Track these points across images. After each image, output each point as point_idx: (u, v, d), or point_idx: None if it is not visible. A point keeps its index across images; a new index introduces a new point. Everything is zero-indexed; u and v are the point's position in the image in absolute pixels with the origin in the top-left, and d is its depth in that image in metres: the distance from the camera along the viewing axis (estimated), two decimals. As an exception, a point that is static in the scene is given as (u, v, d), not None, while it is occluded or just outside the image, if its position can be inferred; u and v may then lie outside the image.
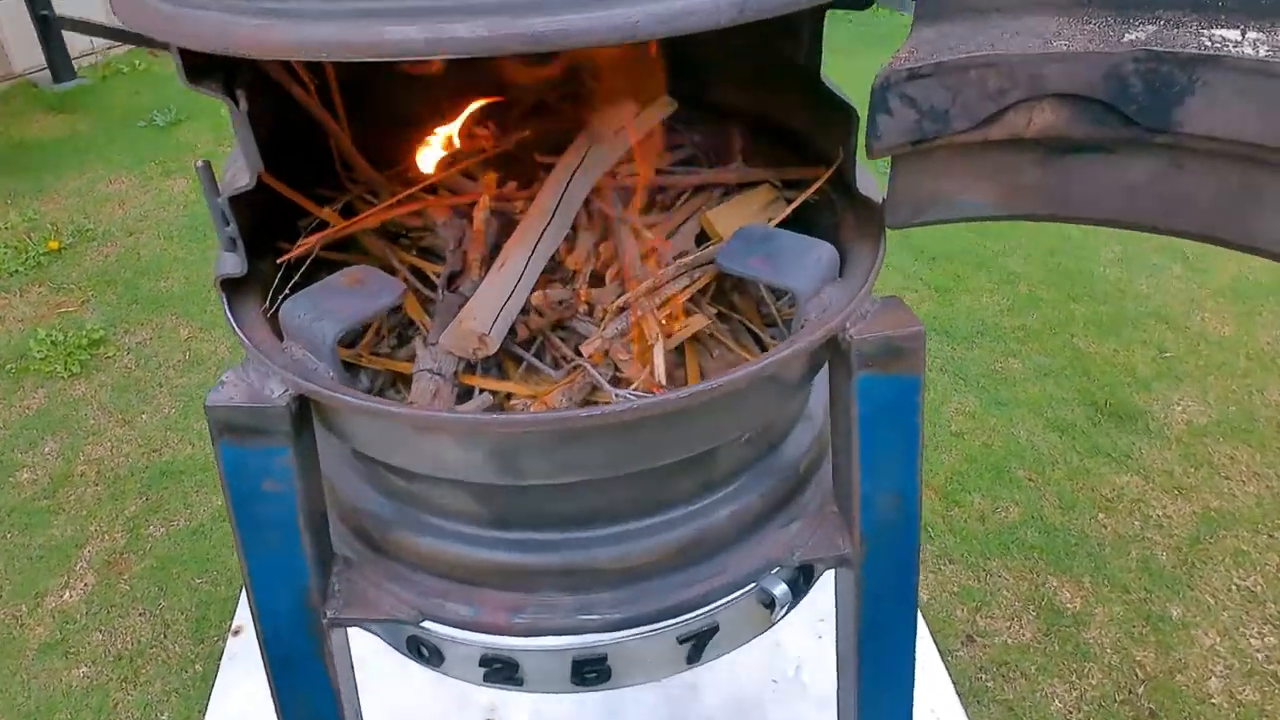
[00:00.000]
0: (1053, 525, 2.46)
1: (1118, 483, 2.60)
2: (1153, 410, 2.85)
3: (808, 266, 1.04)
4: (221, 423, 0.95)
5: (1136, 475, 2.62)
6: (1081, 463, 2.65)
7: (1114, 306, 3.35)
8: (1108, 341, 3.15)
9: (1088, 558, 2.37)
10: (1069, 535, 2.43)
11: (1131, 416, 2.82)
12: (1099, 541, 2.41)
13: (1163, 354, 3.11)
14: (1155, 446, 2.71)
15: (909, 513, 1.13)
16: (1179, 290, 3.45)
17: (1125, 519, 2.49)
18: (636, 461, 0.96)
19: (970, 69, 0.95)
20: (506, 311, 1.01)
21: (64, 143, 4.35)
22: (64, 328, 3.15)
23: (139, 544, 2.40)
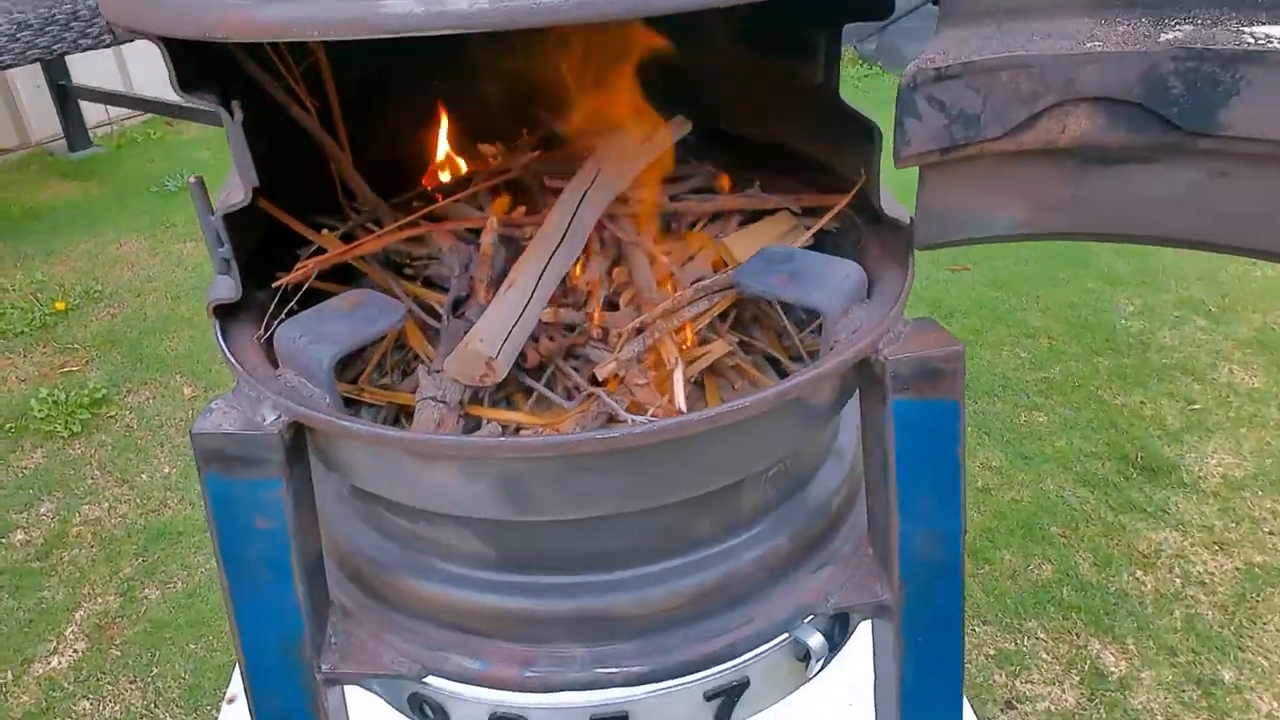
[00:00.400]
0: (1089, 583, 2.34)
1: (1154, 538, 2.48)
2: (1185, 463, 2.75)
3: (834, 285, 0.98)
4: (209, 451, 0.88)
5: (1174, 530, 2.51)
6: (1115, 518, 2.55)
7: (1137, 359, 3.27)
8: (1133, 394, 3.07)
9: (1129, 617, 2.25)
10: (1107, 594, 2.31)
11: (1164, 470, 2.72)
12: (1140, 600, 2.29)
13: (1191, 406, 3.02)
14: (1191, 501, 2.61)
15: (951, 554, 1.04)
16: (1203, 342, 3.38)
17: (1166, 576, 2.37)
18: (658, 493, 0.89)
19: (1001, 70, 0.90)
20: (516, 334, 0.94)
21: (76, 208, 4.39)
22: (66, 387, 3.11)
23: (133, 607, 2.31)
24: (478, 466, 0.84)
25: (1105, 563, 2.42)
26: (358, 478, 0.94)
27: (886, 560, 1.06)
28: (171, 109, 4.67)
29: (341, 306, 0.95)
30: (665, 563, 0.99)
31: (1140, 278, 3.76)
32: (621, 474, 0.87)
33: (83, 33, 4.11)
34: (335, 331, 0.91)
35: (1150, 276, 3.76)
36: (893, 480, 0.99)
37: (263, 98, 1.07)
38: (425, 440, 0.82)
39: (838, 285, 0.98)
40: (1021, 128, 0.93)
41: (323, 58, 1.12)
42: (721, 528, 1.02)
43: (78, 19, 4.06)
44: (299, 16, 0.62)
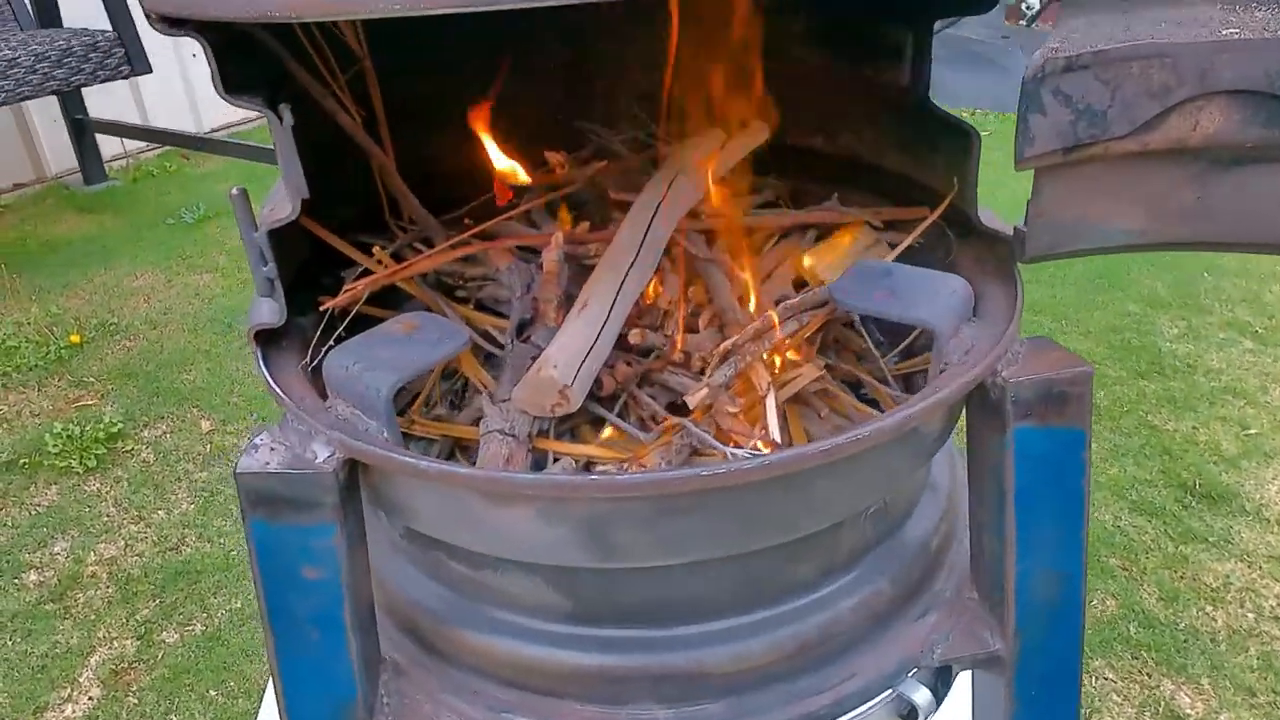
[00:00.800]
0: (1156, 619, 2.22)
1: (1220, 570, 2.36)
2: (1245, 490, 2.63)
3: (943, 301, 0.88)
4: (255, 494, 0.78)
5: (1240, 561, 2.39)
6: (1177, 549, 2.42)
7: (1186, 382, 3.17)
8: (1185, 419, 2.95)
9: (1202, 655, 2.12)
10: (1176, 631, 2.19)
11: (1224, 497, 2.60)
12: (1211, 637, 2.16)
13: (1246, 431, 2.91)
14: (1255, 529, 2.48)
15: (1072, 597, 0.94)
16: (1252, 364, 3.27)
17: (1236, 611, 2.25)
18: (760, 536, 0.79)
19: (1133, 61, 0.82)
20: (591, 359, 0.85)
21: (91, 240, 4.34)
22: (81, 421, 3.02)
23: (150, 652, 2.20)
24: (561, 508, 0.74)
25: (1172, 597, 2.30)
26: (417, 520, 0.85)
27: (998, 605, 0.95)
28: (187, 141, 4.63)
29: (398, 331, 0.86)
30: (760, 612, 0.89)
31: (1182, 300, 3.66)
32: (720, 515, 0.77)
33: (100, 64, 4.08)
34: (393, 358, 0.82)
35: (1192, 298, 3.66)
36: (1010, 516, 0.89)
37: (304, 107, 0.98)
38: (506, 480, 0.72)
39: (946, 301, 0.88)
40: (1150, 125, 0.85)
41: (368, 63, 1.04)
42: (820, 572, 0.91)
43: (96, 50, 4.02)
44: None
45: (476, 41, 1.20)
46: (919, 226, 1.05)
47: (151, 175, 5.20)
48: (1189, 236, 0.95)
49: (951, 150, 1.02)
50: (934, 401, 0.76)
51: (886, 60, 1.06)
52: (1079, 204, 0.90)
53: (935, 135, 1.03)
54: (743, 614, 0.89)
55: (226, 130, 5.44)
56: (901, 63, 1.04)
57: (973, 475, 0.94)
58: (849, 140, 1.24)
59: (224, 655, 2.18)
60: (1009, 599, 0.92)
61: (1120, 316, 3.58)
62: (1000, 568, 0.92)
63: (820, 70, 1.20)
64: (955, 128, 1.00)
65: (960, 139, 0.99)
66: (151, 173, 5.20)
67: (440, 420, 0.99)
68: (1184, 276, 3.77)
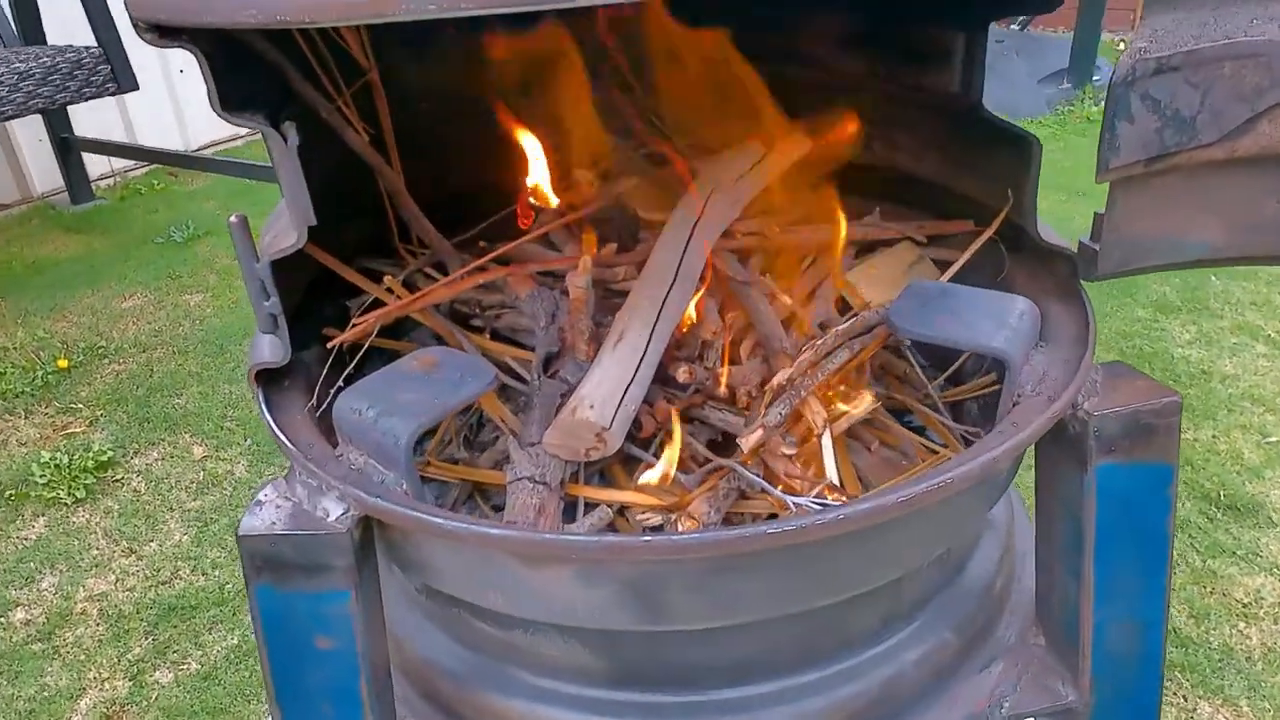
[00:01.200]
0: (1189, 638, 2.14)
1: (1251, 585, 2.29)
2: (1271, 500, 2.56)
3: (1011, 326, 0.81)
4: (260, 558, 0.69)
5: (1270, 575, 2.32)
6: (1205, 564, 2.35)
7: (1202, 389, 3.10)
8: (1204, 428, 2.89)
9: (1238, 675, 2.04)
10: (1210, 650, 2.11)
11: (1250, 509, 2.53)
12: (1247, 656, 2.09)
13: (1267, 439, 2.84)
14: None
15: (1153, 648, 0.86)
16: (1267, 369, 3.21)
17: (1270, 628, 2.17)
18: (823, 592, 0.71)
19: (1225, 61, 0.75)
20: (629, 398, 0.77)
21: (79, 261, 4.24)
22: (69, 450, 2.92)
23: (142, 693, 2.10)
24: (609, 570, 0.66)
25: (1203, 615, 2.22)
26: (441, 581, 0.76)
27: (1069, 653, 0.87)
28: (175, 159, 4.54)
29: (415, 369, 0.78)
30: (817, 671, 0.81)
31: (1191, 304, 3.60)
32: (779, 571, 0.69)
33: (86, 81, 3.99)
34: (412, 401, 0.74)
35: (1201, 303, 3.60)
36: (1089, 561, 0.81)
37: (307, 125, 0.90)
38: (550, 542, 0.64)
39: (1014, 326, 0.80)
40: (1239, 131, 0.77)
41: (376, 77, 0.96)
42: (881, 624, 0.83)
43: (81, 67, 3.93)
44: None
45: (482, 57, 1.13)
46: (972, 242, 0.97)
47: (139, 194, 5.10)
48: (1269, 250, 0.88)
49: (1005, 159, 0.95)
50: (1017, 442, 0.69)
51: (933, 64, 0.99)
52: (1157, 217, 0.83)
53: (987, 143, 0.96)
54: (798, 674, 0.81)
55: (215, 148, 5.36)
56: (950, 67, 0.97)
57: (1042, 514, 0.86)
58: (884, 150, 1.16)
59: (220, 696, 2.08)
60: (1085, 649, 0.85)
61: (1130, 323, 3.52)
62: (1075, 615, 0.84)
63: (855, 76, 1.13)
64: (1011, 134, 0.93)
65: (1017, 147, 0.92)
66: (139, 191, 5.10)
67: (458, 463, 0.90)
68: (1192, 280, 3.71)
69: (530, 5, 0.44)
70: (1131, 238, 0.84)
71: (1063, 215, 3.74)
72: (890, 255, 1.04)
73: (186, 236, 4.50)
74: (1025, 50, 4.58)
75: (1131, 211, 0.82)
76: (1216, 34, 0.74)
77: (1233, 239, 0.87)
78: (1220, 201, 0.84)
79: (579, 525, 0.79)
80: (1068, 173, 3.98)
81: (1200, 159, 0.79)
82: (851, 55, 1.11)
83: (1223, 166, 0.81)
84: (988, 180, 1.01)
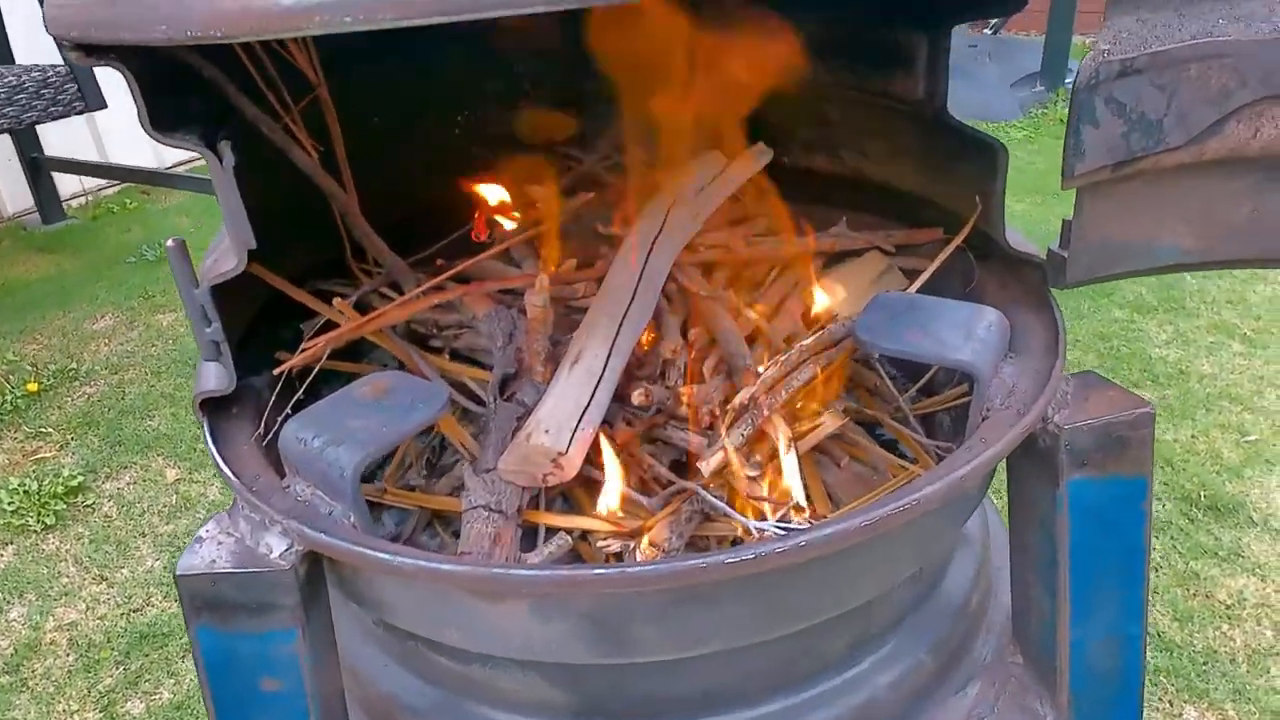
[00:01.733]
0: (1173, 642, 2.13)
1: (1233, 586, 2.28)
2: (1251, 499, 2.56)
3: (979, 338, 0.78)
4: (200, 598, 0.66)
5: (1252, 576, 2.31)
6: (1188, 566, 2.34)
7: (1179, 389, 3.10)
8: (1183, 427, 2.89)
9: (1223, 678, 2.03)
10: (1194, 653, 2.10)
11: (1230, 509, 2.52)
12: (1231, 658, 2.08)
13: (1245, 437, 2.84)
14: (1264, 541, 2.41)
15: (1132, 663, 0.84)
16: (1243, 368, 3.22)
17: (1253, 629, 2.16)
18: (792, 618, 0.68)
19: (1190, 63, 0.73)
20: (586, 421, 0.74)
21: (49, 282, 4.18)
22: (39, 475, 2.87)
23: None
24: (564, 604, 0.63)
25: (1187, 618, 2.21)
26: (394, 616, 0.73)
27: (1048, 671, 0.85)
28: (148, 177, 4.48)
29: (366, 394, 0.75)
30: (787, 699, 0.78)
31: (1167, 304, 3.61)
32: (742, 600, 0.66)
33: (54, 100, 3.94)
34: (360, 429, 0.71)
35: (1177, 302, 3.61)
36: (1064, 577, 0.79)
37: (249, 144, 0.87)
38: (498, 577, 0.61)
39: (982, 338, 0.78)
40: (1208, 133, 0.76)
41: (325, 93, 0.93)
42: (852, 647, 0.81)
43: (48, 86, 3.88)
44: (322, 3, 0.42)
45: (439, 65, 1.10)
46: (940, 252, 0.95)
47: (112, 212, 5.04)
48: (1241, 254, 0.86)
49: (972, 166, 0.93)
50: (985, 459, 0.66)
51: (897, 71, 0.97)
52: (1125, 223, 0.81)
53: (953, 150, 0.94)
54: (767, 702, 0.78)
55: (188, 164, 5.31)
56: (914, 73, 0.95)
57: (1016, 529, 0.84)
58: (852, 158, 1.14)
59: (193, 727, 2.03)
60: (1063, 666, 0.82)
61: (1108, 323, 3.52)
62: (1052, 632, 0.82)
63: (820, 83, 1.11)
64: (977, 141, 0.91)
65: (983, 154, 0.90)
66: (111, 210, 5.04)
67: (414, 490, 0.87)
68: (1168, 279, 3.72)
69: (448, 15, 0.42)
70: (1100, 244, 0.82)
71: (1038, 218, 3.75)
72: (858, 265, 1.02)
73: (159, 255, 4.44)
74: (998, 54, 4.60)
75: (1099, 217, 0.80)
76: (1182, 35, 0.73)
77: (1203, 243, 0.85)
78: (1190, 205, 0.82)
79: (538, 553, 0.76)
80: (1042, 176, 3.98)
81: (1168, 163, 0.77)
82: (814, 62, 1.09)
83: (1191, 169, 0.80)
84: (956, 188, 0.99)
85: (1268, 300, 3.80)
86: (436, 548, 0.89)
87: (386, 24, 0.43)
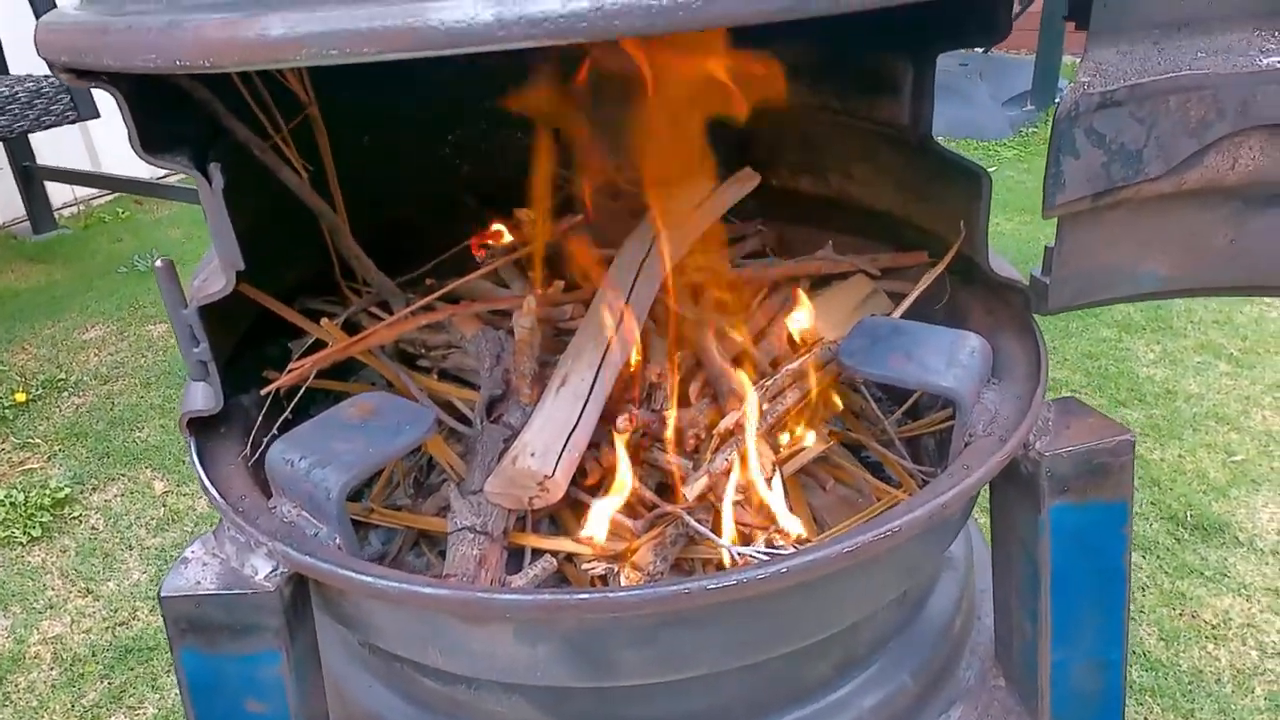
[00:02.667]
0: (1159, 661, 2.14)
1: (1219, 606, 2.29)
2: (1237, 519, 2.57)
3: (962, 363, 0.79)
4: (185, 620, 0.66)
5: (1238, 596, 2.32)
6: (1174, 585, 2.35)
7: (1166, 409, 3.12)
8: (1170, 447, 2.90)
9: (1208, 699, 2.04)
10: (1179, 673, 2.11)
11: (1216, 529, 2.54)
12: (1216, 678, 2.09)
13: (1232, 457, 2.86)
14: (1250, 561, 2.42)
15: (1113, 687, 0.84)
16: (1230, 388, 3.24)
17: (1239, 649, 2.17)
18: (776, 642, 0.68)
19: (1169, 95, 0.74)
20: (573, 444, 0.75)
21: (40, 291, 4.17)
22: (25, 487, 2.85)
23: (98, 741, 2.03)
24: (547, 628, 0.63)
25: (1173, 637, 2.22)
26: (380, 638, 0.73)
27: (1030, 694, 0.86)
28: (140, 187, 4.48)
29: (352, 415, 0.75)
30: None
31: (1155, 324, 3.63)
32: (724, 624, 0.66)
33: (46, 110, 3.94)
34: (346, 450, 0.71)
35: (1165, 322, 3.64)
36: (1045, 602, 0.79)
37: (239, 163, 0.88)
38: (482, 601, 0.61)
39: (965, 364, 0.79)
40: (1186, 164, 0.77)
41: (316, 112, 0.94)
42: (835, 671, 0.81)
43: (40, 96, 3.88)
44: (317, 30, 0.42)
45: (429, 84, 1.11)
46: (924, 276, 0.96)
47: (103, 222, 5.03)
48: (1221, 281, 0.87)
49: (956, 192, 0.94)
50: (967, 485, 0.67)
51: (883, 96, 0.98)
52: (1106, 251, 0.82)
53: (938, 175, 0.95)
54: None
55: (180, 176, 5.30)
56: (900, 98, 0.96)
57: (998, 554, 0.84)
58: (838, 181, 1.16)
59: (178, 742, 2.02)
60: (1044, 690, 0.83)
61: (1095, 343, 3.54)
62: (1034, 655, 0.83)
63: (807, 108, 1.12)
64: (961, 167, 0.92)
65: (967, 180, 0.91)
66: (103, 219, 5.03)
67: (401, 510, 0.87)
68: (1157, 299, 3.75)
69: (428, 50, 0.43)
70: (1082, 271, 0.83)
71: (1027, 237, 3.77)
72: (843, 289, 1.03)
73: (150, 265, 4.43)
74: (988, 73, 4.63)
75: (1081, 246, 0.81)
76: (1161, 67, 0.74)
77: (1183, 270, 0.86)
78: (1170, 233, 0.83)
79: (523, 575, 0.76)
80: (1032, 194, 4.00)
81: (1148, 193, 0.79)
82: (801, 87, 1.10)
83: (1171, 199, 0.81)
84: (940, 212, 1.00)
85: (1254, 321, 3.83)
86: (423, 568, 0.89)
87: (370, 58, 0.43)
